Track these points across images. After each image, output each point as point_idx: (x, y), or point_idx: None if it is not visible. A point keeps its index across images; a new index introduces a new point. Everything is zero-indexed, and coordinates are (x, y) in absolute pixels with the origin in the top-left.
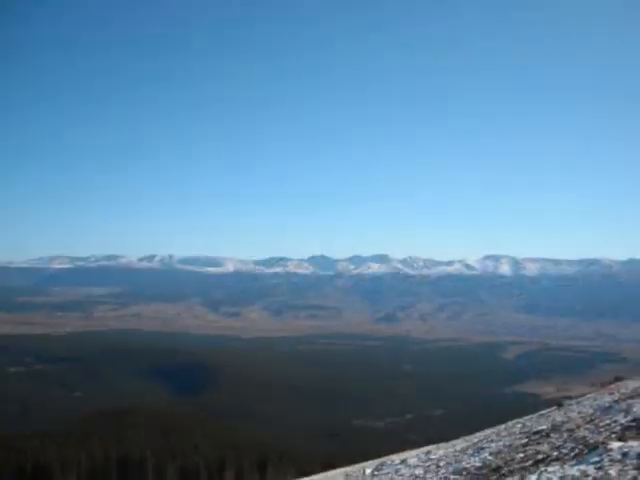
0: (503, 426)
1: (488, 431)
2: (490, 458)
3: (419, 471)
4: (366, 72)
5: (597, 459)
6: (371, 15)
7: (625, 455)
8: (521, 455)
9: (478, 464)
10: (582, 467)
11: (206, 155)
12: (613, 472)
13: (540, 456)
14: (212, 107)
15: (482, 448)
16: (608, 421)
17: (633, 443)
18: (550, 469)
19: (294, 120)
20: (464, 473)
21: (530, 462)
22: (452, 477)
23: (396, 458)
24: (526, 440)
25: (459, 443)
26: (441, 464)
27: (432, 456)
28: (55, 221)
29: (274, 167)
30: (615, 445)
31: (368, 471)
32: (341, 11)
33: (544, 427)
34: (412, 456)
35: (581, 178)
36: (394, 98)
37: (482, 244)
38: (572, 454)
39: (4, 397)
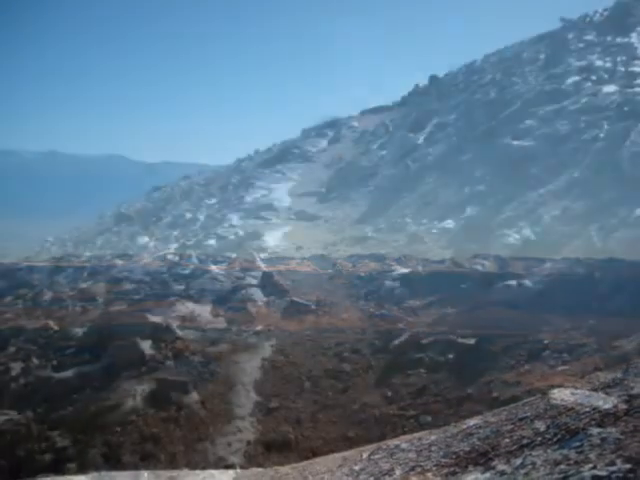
0: (490, 413)
1: (476, 418)
2: (478, 443)
3: (412, 455)
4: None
5: (578, 444)
6: None
7: (604, 440)
8: (507, 440)
9: (467, 449)
10: (564, 451)
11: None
12: (593, 456)
13: (525, 441)
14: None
15: (471, 434)
16: (588, 409)
17: (611, 429)
18: (534, 453)
19: None
20: (454, 457)
21: (515, 447)
22: (443, 461)
23: (391, 443)
24: (512, 426)
25: (449, 429)
26: (433, 449)
27: (424, 441)
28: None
29: None
30: (595, 431)
31: (365, 455)
32: None
33: (528, 414)
34: (405, 441)
35: None
36: None
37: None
38: (555, 439)
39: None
